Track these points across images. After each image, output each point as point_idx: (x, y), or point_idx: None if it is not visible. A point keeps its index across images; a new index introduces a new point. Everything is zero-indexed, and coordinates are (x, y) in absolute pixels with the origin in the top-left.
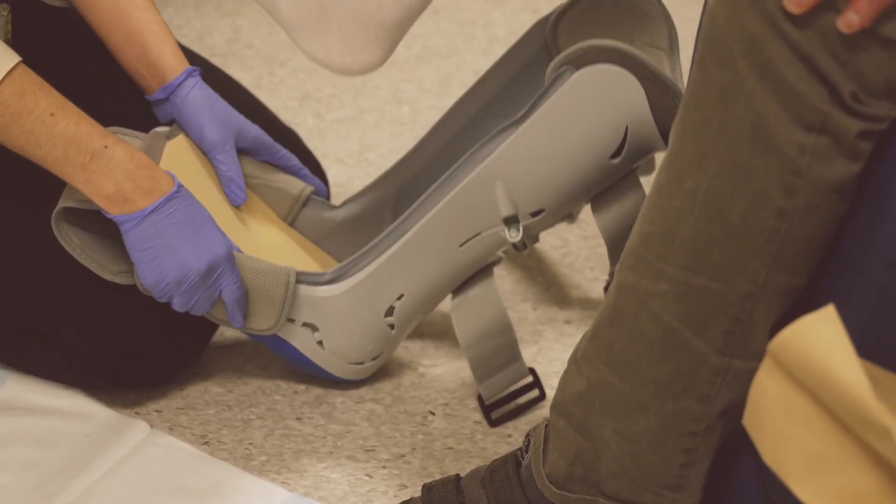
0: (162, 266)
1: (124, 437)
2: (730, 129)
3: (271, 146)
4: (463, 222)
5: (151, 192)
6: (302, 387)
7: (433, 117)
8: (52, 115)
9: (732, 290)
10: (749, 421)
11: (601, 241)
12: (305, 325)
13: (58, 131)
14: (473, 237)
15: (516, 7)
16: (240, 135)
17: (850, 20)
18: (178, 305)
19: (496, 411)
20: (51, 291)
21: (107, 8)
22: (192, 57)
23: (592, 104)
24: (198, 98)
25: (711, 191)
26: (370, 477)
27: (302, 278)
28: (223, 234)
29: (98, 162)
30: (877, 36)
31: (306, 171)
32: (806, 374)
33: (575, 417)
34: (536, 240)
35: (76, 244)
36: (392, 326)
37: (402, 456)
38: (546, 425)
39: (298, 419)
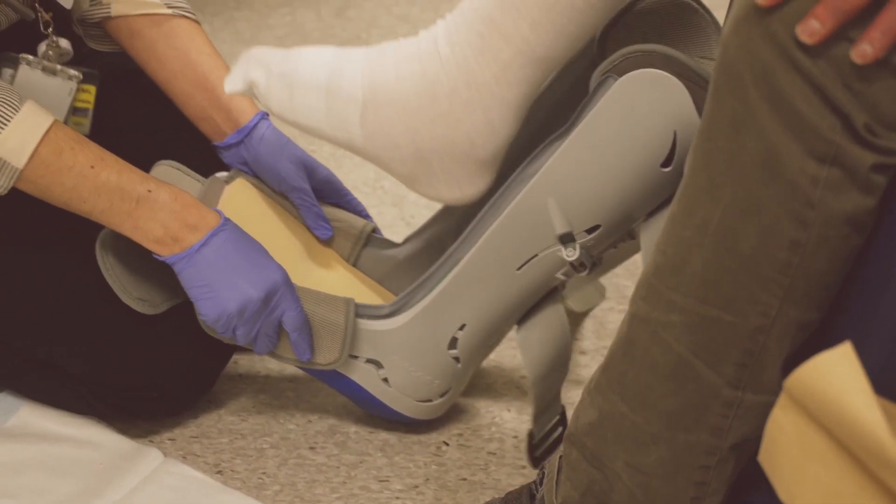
0: (221, 298)
1: (137, 464)
2: (741, 159)
3: (340, 188)
4: (518, 244)
5: (199, 229)
6: (315, 416)
7: None
8: (92, 167)
9: (744, 323)
10: (765, 457)
11: (617, 270)
12: (369, 361)
13: (100, 182)
14: (530, 259)
15: None
16: (311, 175)
17: (863, 51)
18: (241, 338)
19: (539, 450)
20: (64, 324)
21: (171, 56)
22: None
23: (637, 110)
24: (273, 139)
25: (723, 222)
26: None
27: (361, 312)
28: (276, 262)
29: (143, 207)
30: (891, 66)
31: (367, 212)
32: (822, 411)
33: (587, 448)
34: (599, 262)
35: (108, 262)
36: (457, 360)
37: (416, 487)
38: (560, 456)
39: (312, 448)
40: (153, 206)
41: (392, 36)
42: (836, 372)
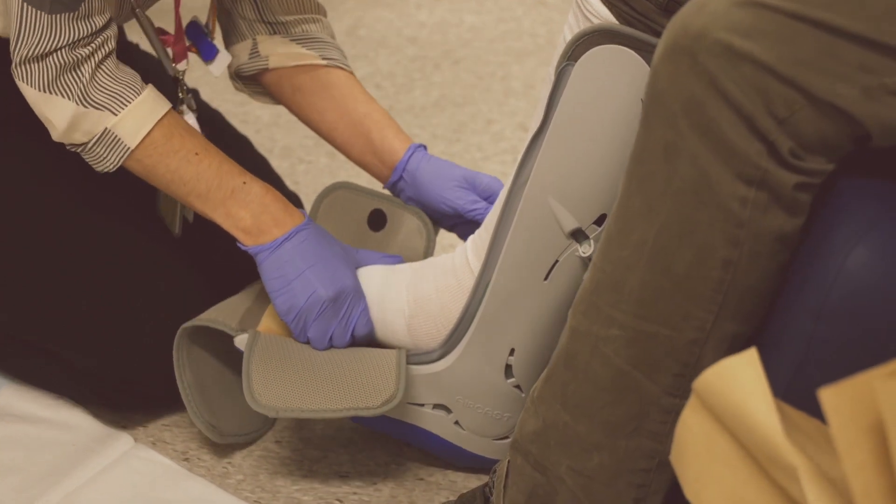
0: (293, 292)
1: (108, 448)
2: (674, 184)
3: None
4: (535, 253)
5: (284, 224)
6: None
7: None
8: (196, 154)
9: (680, 336)
10: (675, 457)
11: None
12: (437, 406)
13: (202, 169)
14: (553, 266)
15: (535, 63)
16: (474, 186)
17: None
18: (315, 337)
19: None
20: (60, 316)
21: (329, 107)
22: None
23: (601, 88)
24: (429, 169)
25: (658, 243)
26: (340, 502)
27: (413, 359)
28: (352, 270)
29: (237, 197)
30: (813, 96)
31: None
32: (726, 413)
33: (532, 455)
34: None
35: (186, 381)
36: (519, 388)
37: (374, 484)
38: (508, 462)
39: (278, 442)
40: (246, 197)
41: (399, 56)
42: (740, 376)
